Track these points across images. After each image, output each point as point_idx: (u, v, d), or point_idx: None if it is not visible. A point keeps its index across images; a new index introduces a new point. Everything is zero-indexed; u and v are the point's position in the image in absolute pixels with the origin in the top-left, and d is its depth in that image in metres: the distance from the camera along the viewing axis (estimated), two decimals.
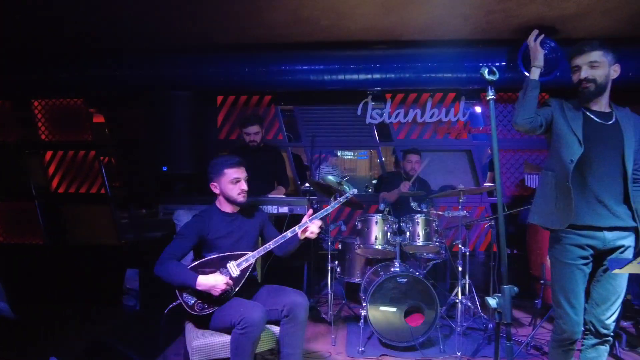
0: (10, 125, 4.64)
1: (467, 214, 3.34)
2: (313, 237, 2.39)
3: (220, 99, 4.74)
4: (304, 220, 2.36)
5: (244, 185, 2.43)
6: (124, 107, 4.66)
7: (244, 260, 2.33)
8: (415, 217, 3.35)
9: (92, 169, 4.65)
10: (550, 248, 2.11)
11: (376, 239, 3.31)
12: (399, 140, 4.65)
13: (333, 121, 4.69)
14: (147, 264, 3.77)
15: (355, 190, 2.59)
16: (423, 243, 3.29)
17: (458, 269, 3.25)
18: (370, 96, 4.52)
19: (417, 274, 3.13)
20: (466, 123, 4.55)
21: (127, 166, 4.77)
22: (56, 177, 4.70)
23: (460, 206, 3.25)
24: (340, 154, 5.60)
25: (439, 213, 3.55)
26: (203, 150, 4.32)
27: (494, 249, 3.53)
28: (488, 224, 3.58)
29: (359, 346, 3.05)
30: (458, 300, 3.18)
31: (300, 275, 3.99)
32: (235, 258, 2.33)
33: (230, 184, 2.40)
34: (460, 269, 3.24)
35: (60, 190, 4.70)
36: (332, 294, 3.45)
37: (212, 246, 2.39)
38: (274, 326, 2.35)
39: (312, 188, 4.02)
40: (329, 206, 2.45)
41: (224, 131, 4.76)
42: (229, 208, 2.48)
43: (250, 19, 3.28)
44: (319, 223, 2.37)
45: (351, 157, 5.96)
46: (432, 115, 4.52)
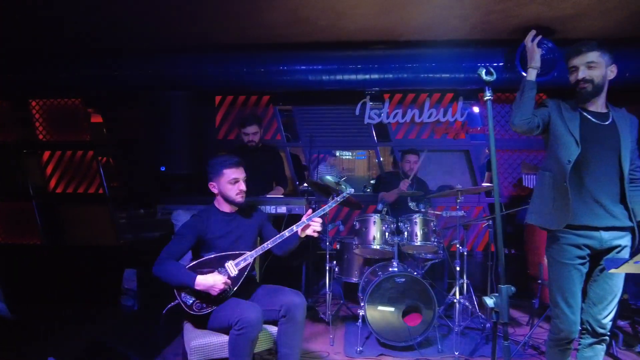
0: (8, 125, 4.64)
1: (465, 214, 3.35)
2: (315, 235, 2.39)
3: (218, 99, 4.74)
4: (302, 219, 2.37)
5: (242, 185, 2.44)
6: (122, 107, 4.65)
7: (242, 260, 2.33)
8: (413, 217, 3.36)
9: (90, 169, 4.65)
10: (547, 248, 2.12)
11: (374, 238, 3.31)
12: (397, 141, 4.65)
13: (331, 121, 4.69)
14: (146, 264, 3.77)
15: (352, 190, 2.59)
16: (421, 243, 3.30)
17: (456, 268, 3.26)
18: (368, 96, 4.53)
19: (415, 273, 3.14)
20: (464, 123, 4.56)
21: (125, 166, 4.77)
22: (54, 177, 4.69)
23: (458, 206, 3.26)
24: (339, 154, 5.62)
25: (437, 213, 3.56)
26: (201, 150, 4.32)
27: (491, 248, 3.54)
28: (486, 224, 3.59)
29: (357, 346, 3.05)
30: (456, 300, 3.19)
31: (298, 275, 4.00)
32: (233, 258, 2.33)
33: (229, 184, 2.41)
34: (458, 268, 3.25)
35: (58, 190, 4.69)
36: (331, 293, 3.45)
37: (211, 246, 2.39)
38: (272, 326, 2.35)
39: (311, 188, 4.03)
40: (326, 205, 2.45)
41: (223, 131, 4.76)
42: (228, 208, 2.48)
43: (249, 19, 3.29)
44: (320, 221, 2.37)
45: (349, 157, 5.97)
46: (430, 116, 4.54)
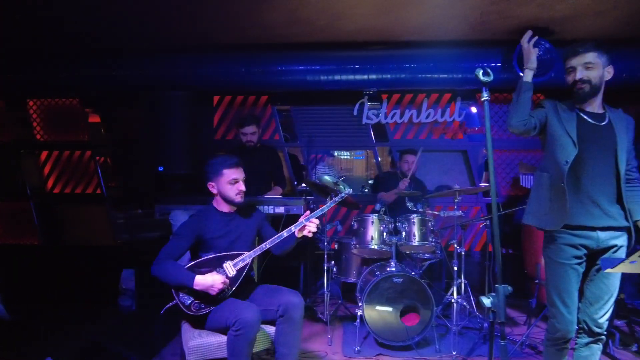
0: (6, 125, 4.63)
1: (463, 214, 3.36)
2: (310, 236, 2.40)
3: (216, 99, 4.74)
4: (300, 219, 2.37)
5: (242, 186, 2.44)
6: (120, 107, 4.65)
7: (240, 260, 2.33)
8: (411, 217, 3.37)
9: (88, 169, 4.65)
10: (544, 248, 2.13)
11: (372, 238, 3.32)
12: (395, 141, 4.66)
13: (329, 121, 4.70)
14: (144, 264, 3.76)
15: (350, 190, 2.61)
16: (419, 243, 3.31)
17: (454, 268, 3.26)
18: (366, 96, 4.53)
19: (413, 273, 3.15)
20: (462, 123, 4.58)
21: (123, 166, 4.77)
22: (52, 177, 4.68)
23: (455, 206, 3.27)
24: (337, 154, 5.62)
25: (435, 213, 3.56)
26: (199, 150, 4.32)
27: (489, 248, 3.55)
28: (483, 224, 3.60)
29: (355, 346, 3.06)
30: (454, 299, 3.20)
31: (296, 275, 4.00)
32: (231, 258, 2.34)
33: (228, 185, 2.41)
34: (456, 268, 3.26)
35: (56, 190, 4.69)
36: (329, 293, 3.46)
37: (209, 246, 2.39)
38: (270, 326, 2.35)
39: (309, 188, 4.03)
40: (325, 206, 2.46)
41: (221, 131, 4.76)
42: (226, 208, 2.48)
43: (247, 19, 3.29)
44: (316, 222, 2.38)
45: (347, 157, 5.97)
46: (428, 116, 4.54)
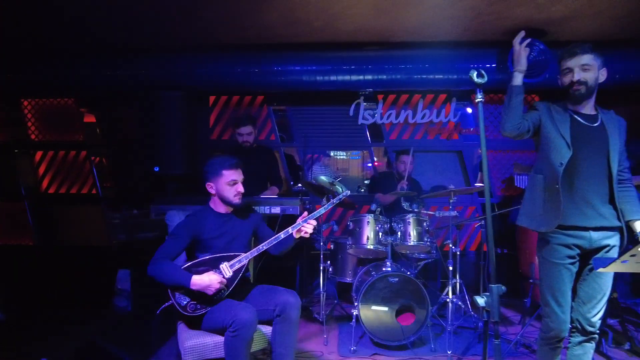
0: (0, 125, 4.60)
1: (458, 214, 3.38)
2: (307, 237, 2.41)
3: (212, 99, 4.74)
4: (298, 221, 2.38)
5: (240, 187, 2.44)
6: (115, 107, 4.64)
7: (237, 261, 2.34)
8: (407, 217, 3.38)
9: (83, 169, 4.63)
10: (538, 248, 2.15)
11: (368, 239, 3.33)
12: (390, 141, 4.68)
13: (325, 122, 4.71)
14: (139, 264, 3.75)
15: (348, 191, 2.61)
16: (414, 243, 3.32)
17: (449, 268, 3.28)
18: (362, 97, 4.55)
19: (409, 273, 3.16)
20: (457, 124, 4.60)
21: (119, 166, 4.75)
22: (46, 178, 4.66)
23: (451, 206, 3.29)
24: (333, 154, 5.63)
25: (430, 213, 3.58)
26: (195, 150, 4.32)
27: (484, 248, 3.56)
28: (478, 224, 3.61)
29: (351, 345, 3.07)
30: (449, 299, 3.21)
31: (292, 275, 4.01)
32: (228, 259, 2.34)
33: (227, 186, 2.41)
34: (451, 268, 3.27)
35: (51, 190, 4.67)
36: (325, 293, 3.46)
37: (206, 247, 2.39)
38: (266, 326, 2.35)
39: (305, 188, 4.04)
40: (322, 207, 2.46)
41: (216, 131, 4.75)
42: (223, 209, 2.48)
43: (244, 19, 3.29)
44: (314, 223, 2.39)
45: (344, 157, 5.98)
46: (424, 116, 4.57)
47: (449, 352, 2.96)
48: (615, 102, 2.66)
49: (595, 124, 2.07)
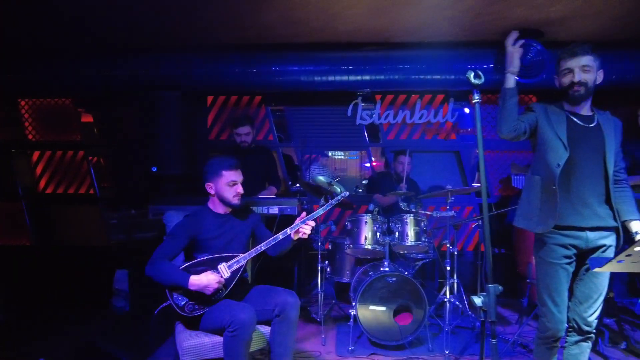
0: None
1: (455, 214, 3.39)
2: (305, 237, 2.41)
3: (210, 99, 4.74)
4: (296, 222, 2.38)
5: (240, 188, 2.44)
6: (113, 107, 4.63)
7: (235, 262, 2.34)
8: (404, 217, 3.39)
9: (81, 169, 4.62)
10: (535, 248, 2.16)
11: (366, 239, 3.34)
12: (388, 141, 4.69)
13: (323, 122, 4.71)
14: (137, 264, 3.75)
15: (347, 192, 2.60)
16: (412, 243, 3.33)
17: (446, 268, 3.29)
18: (360, 97, 4.55)
19: (406, 273, 3.17)
20: (455, 124, 4.61)
21: (116, 166, 4.74)
22: (44, 178, 4.65)
23: (448, 206, 3.30)
24: (331, 154, 5.64)
25: (428, 213, 3.59)
26: (193, 150, 4.31)
27: (481, 248, 3.57)
28: (476, 224, 3.63)
29: (349, 345, 3.07)
30: (446, 299, 3.22)
31: (290, 275, 4.01)
32: (226, 260, 2.34)
33: (226, 186, 2.41)
34: (449, 268, 3.29)
35: (48, 190, 4.66)
36: (323, 293, 3.47)
37: (204, 247, 2.39)
38: (264, 326, 2.36)
39: (303, 189, 4.04)
40: (320, 208, 2.46)
41: (214, 131, 4.75)
42: (222, 209, 2.48)
43: (242, 20, 3.29)
44: (312, 224, 2.38)
45: (342, 157, 5.99)
46: (421, 117, 4.57)
47: (447, 352, 2.97)
48: (612, 103, 2.67)
49: (591, 125, 2.08)
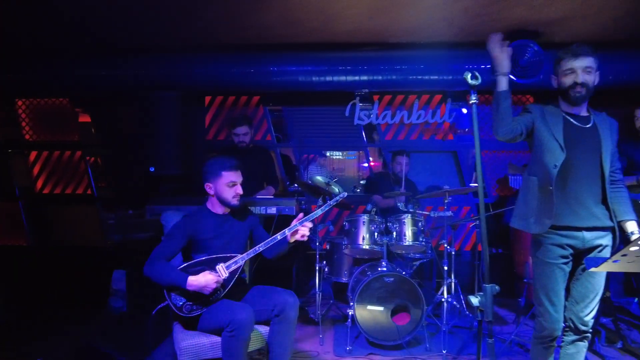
0: None
1: (453, 214, 3.39)
2: (303, 240, 2.40)
3: (208, 99, 4.74)
4: (293, 223, 2.37)
5: (239, 189, 2.44)
6: (111, 107, 4.62)
7: (233, 263, 2.34)
8: (402, 217, 3.39)
9: (78, 169, 4.61)
10: (532, 248, 2.16)
11: (364, 239, 3.34)
12: (386, 141, 4.70)
13: (321, 122, 4.72)
14: (135, 265, 3.75)
15: (345, 193, 2.60)
16: (410, 243, 3.33)
17: (444, 268, 3.30)
18: (358, 97, 4.56)
19: (404, 273, 3.17)
20: (452, 124, 4.62)
21: (114, 167, 4.73)
22: (41, 178, 4.64)
23: (446, 206, 3.30)
24: (329, 154, 5.65)
25: (425, 213, 3.60)
26: (191, 151, 4.31)
27: (479, 248, 3.59)
28: (473, 224, 3.64)
29: (347, 345, 3.08)
30: (444, 299, 3.23)
31: (288, 275, 4.01)
32: (224, 260, 2.34)
33: (226, 187, 2.40)
34: (446, 268, 3.29)
35: (45, 191, 4.65)
36: (320, 293, 3.47)
37: (202, 247, 2.39)
38: (262, 326, 2.36)
39: (301, 189, 4.05)
40: (318, 209, 2.45)
41: (212, 131, 4.75)
42: (220, 210, 2.48)
43: (239, 20, 3.29)
44: (310, 225, 2.38)
45: (340, 157, 6.00)
46: (419, 117, 4.58)
47: (444, 352, 2.98)
48: (608, 103, 2.68)
49: (587, 126, 2.09)
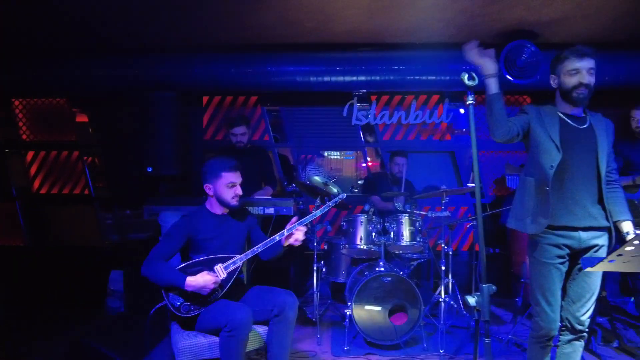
0: None
1: (450, 214, 3.40)
2: (297, 245, 2.40)
3: (205, 99, 4.73)
4: (286, 227, 2.36)
5: (239, 190, 2.44)
6: (108, 107, 4.61)
7: (231, 263, 2.34)
8: (400, 218, 3.40)
9: (76, 169, 4.60)
10: (529, 248, 2.17)
11: (361, 239, 3.35)
12: (384, 142, 4.70)
13: (319, 122, 4.72)
14: (132, 265, 3.74)
15: (344, 195, 2.60)
16: (407, 243, 3.34)
17: (441, 268, 3.31)
18: (355, 98, 4.56)
19: (401, 273, 3.18)
20: (449, 125, 4.63)
21: (112, 167, 4.72)
22: (38, 178, 4.62)
23: (443, 206, 3.31)
24: (327, 154, 5.65)
25: (423, 213, 3.61)
26: (188, 151, 4.31)
27: (476, 248, 3.60)
28: (471, 224, 3.65)
29: (344, 345, 3.08)
30: (441, 299, 3.24)
31: (286, 275, 4.01)
32: (222, 260, 2.34)
33: (225, 188, 2.40)
34: (444, 268, 3.30)
35: (43, 191, 4.63)
36: (318, 293, 3.47)
37: (200, 247, 2.39)
38: (260, 326, 2.36)
39: (299, 189, 4.05)
40: (318, 210, 2.45)
41: (210, 132, 4.74)
42: (219, 210, 2.48)
43: (237, 20, 3.29)
44: (303, 230, 2.37)
45: (337, 157, 6.01)
46: (417, 117, 4.59)
47: (442, 351, 2.98)
48: (604, 104, 2.69)
49: (583, 126, 2.10)
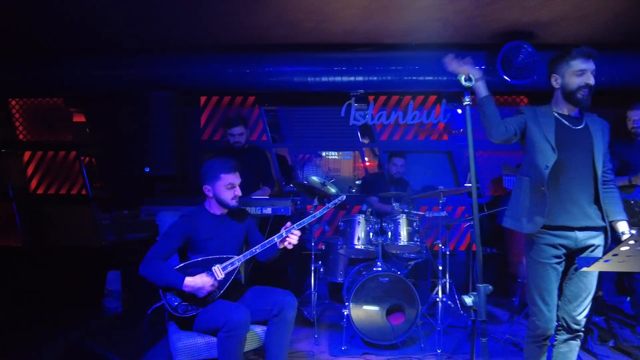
0: None
1: (447, 215, 3.42)
2: (290, 247, 2.40)
3: (203, 99, 4.73)
4: (281, 231, 2.36)
5: (238, 190, 2.44)
6: (105, 107, 4.60)
7: (229, 264, 2.34)
8: (397, 218, 3.41)
9: (73, 169, 4.59)
10: (526, 248, 2.18)
11: (359, 239, 3.35)
12: (381, 142, 4.71)
13: (317, 122, 4.73)
14: (130, 265, 3.73)
15: (344, 196, 2.60)
16: (405, 243, 3.35)
17: (439, 268, 3.32)
18: (353, 98, 4.57)
19: (399, 273, 3.18)
20: (447, 125, 4.64)
21: (109, 167, 4.71)
22: (35, 178, 4.61)
23: (440, 207, 3.32)
24: (325, 154, 5.66)
25: (420, 213, 3.62)
26: (186, 151, 4.30)
27: (473, 248, 3.61)
28: (468, 224, 3.66)
29: (342, 345, 3.09)
30: (439, 298, 3.25)
31: (284, 276, 4.01)
32: (220, 261, 2.34)
33: (225, 189, 2.40)
34: (441, 268, 3.31)
35: (40, 191, 4.62)
36: (316, 293, 3.48)
37: (198, 247, 2.39)
38: (258, 326, 2.36)
39: (297, 189, 4.05)
40: (317, 212, 2.45)
41: (208, 132, 4.74)
42: (218, 210, 2.48)
43: (236, 20, 3.29)
44: (298, 234, 2.37)
45: (335, 157, 6.02)
46: (414, 117, 4.60)
47: (439, 351, 2.99)
48: (600, 104, 2.70)
49: (579, 127, 2.11)
